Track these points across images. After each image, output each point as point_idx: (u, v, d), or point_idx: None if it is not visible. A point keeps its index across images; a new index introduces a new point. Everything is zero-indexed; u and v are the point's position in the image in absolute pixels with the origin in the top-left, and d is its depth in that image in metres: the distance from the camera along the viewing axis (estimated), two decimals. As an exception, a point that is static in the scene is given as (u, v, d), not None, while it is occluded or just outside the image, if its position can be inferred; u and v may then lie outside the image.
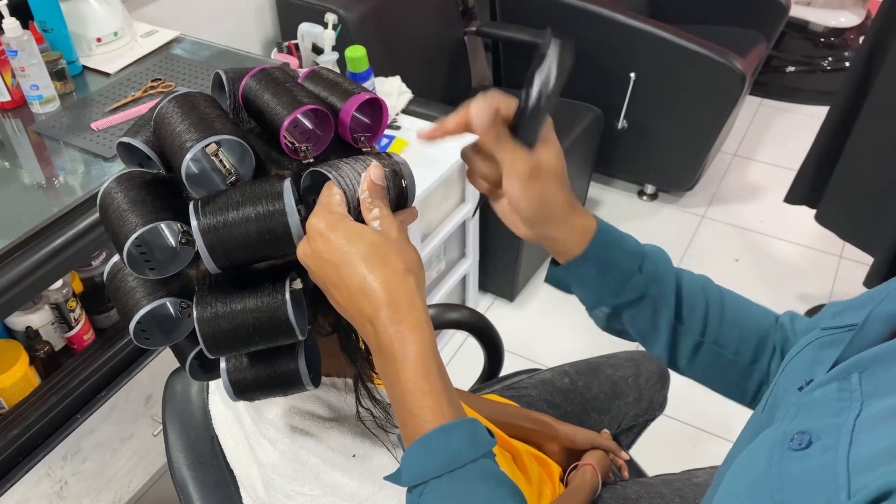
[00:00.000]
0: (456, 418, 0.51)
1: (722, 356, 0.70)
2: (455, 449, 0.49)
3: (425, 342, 0.51)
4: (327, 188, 0.54)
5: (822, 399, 0.45)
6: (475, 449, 0.50)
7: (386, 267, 0.51)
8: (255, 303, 0.53)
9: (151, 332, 0.58)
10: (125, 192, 0.55)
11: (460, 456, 0.49)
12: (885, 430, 0.38)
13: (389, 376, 0.52)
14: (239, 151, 0.54)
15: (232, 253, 0.52)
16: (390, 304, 0.50)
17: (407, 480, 0.50)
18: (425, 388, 0.50)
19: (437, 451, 0.49)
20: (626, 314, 0.69)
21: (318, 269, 0.52)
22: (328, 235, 0.51)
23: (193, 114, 0.54)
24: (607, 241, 0.67)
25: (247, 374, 0.58)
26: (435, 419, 0.50)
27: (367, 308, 0.51)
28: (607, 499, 1.04)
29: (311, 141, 0.57)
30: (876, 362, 0.44)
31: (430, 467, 0.49)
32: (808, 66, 3.09)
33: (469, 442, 0.50)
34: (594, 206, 2.64)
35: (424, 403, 0.50)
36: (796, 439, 0.42)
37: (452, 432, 0.50)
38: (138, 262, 0.54)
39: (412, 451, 0.50)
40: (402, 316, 0.51)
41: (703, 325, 0.69)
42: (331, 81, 0.60)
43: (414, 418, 0.50)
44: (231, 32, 2.05)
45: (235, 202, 0.52)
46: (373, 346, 0.52)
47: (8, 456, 1.23)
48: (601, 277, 0.67)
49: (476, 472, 0.49)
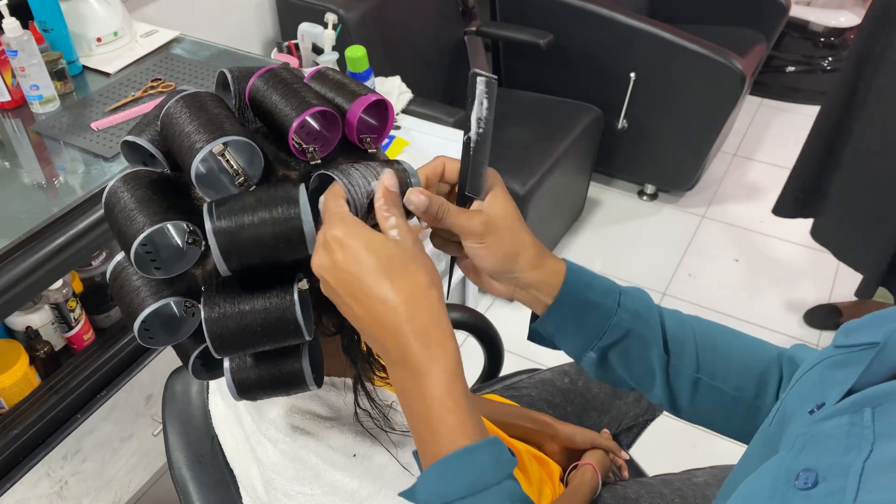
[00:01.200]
0: (479, 438, 0.49)
1: (723, 393, 0.66)
2: (479, 471, 0.48)
3: (451, 357, 0.50)
4: (332, 195, 0.53)
5: (831, 432, 0.42)
6: (498, 471, 0.48)
7: (409, 279, 0.50)
8: (263, 303, 0.53)
9: (155, 331, 0.58)
10: (132, 191, 0.55)
11: (484, 478, 0.48)
12: (893, 480, 0.37)
13: (411, 391, 0.50)
14: (248, 152, 0.54)
15: (245, 256, 0.52)
16: (416, 317, 0.49)
17: (424, 499, 0.49)
18: (450, 405, 0.49)
19: (460, 472, 0.48)
20: (613, 355, 0.65)
21: (335, 281, 0.50)
22: (348, 245, 0.50)
23: (202, 114, 0.54)
24: (580, 282, 0.63)
25: (250, 374, 0.58)
26: (459, 438, 0.48)
27: (390, 320, 0.49)
28: (607, 499, 1.04)
29: (318, 142, 0.57)
30: (891, 399, 0.41)
31: (451, 488, 0.47)
32: (808, 66, 3.09)
33: (493, 464, 0.48)
34: (594, 206, 2.64)
35: (448, 421, 0.49)
36: (801, 477, 0.40)
37: (477, 454, 0.48)
38: (145, 261, 0.54)
39: (434, 471, 0.49)
40: (428, 329, 0.49)
41: (695, 359, 0.66)
42: (337, 82, 0.60)
43: (436, 436, 0.49)
44: (231, 32, 2.05)
45: (250, 205, 0.52)
46: (393, 359, 0.50)
47: (8, 456, 1.23)
48: (580, 319, 0.64)
49: (499, 496, 0.48)
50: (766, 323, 2.18)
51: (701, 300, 2.25)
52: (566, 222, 2.48)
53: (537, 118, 2.24)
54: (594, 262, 2.41)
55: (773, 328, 2.17)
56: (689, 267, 2.39)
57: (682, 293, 2.28)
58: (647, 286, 2.31)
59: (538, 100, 2.35)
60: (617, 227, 2.56)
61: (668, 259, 2.42)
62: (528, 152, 2.08)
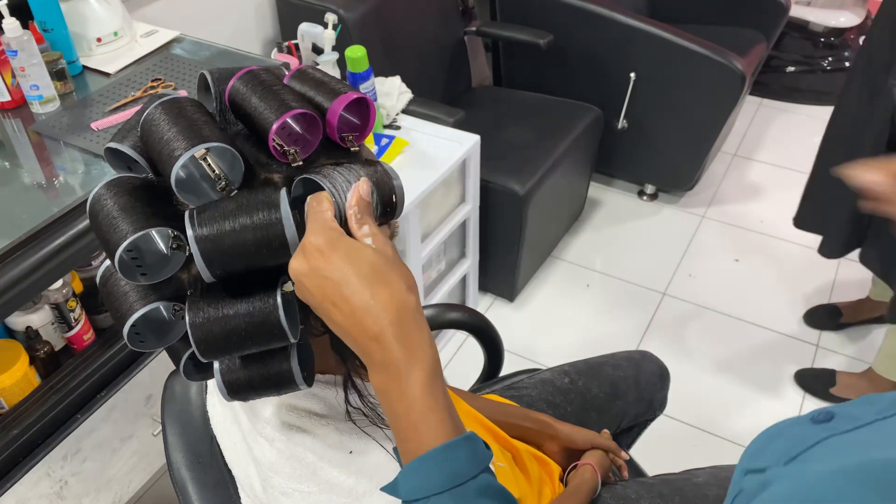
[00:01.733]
0: (458, 435, 0.51)
1: None
2: (458, 466, 0.50)
3: (431, 359, 0.52)
4: (316, 201, 0.54)
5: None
6: (476, 465, 0.51)
7: (389, 285, 0.51)
8: (247, 307, 0.54)
9: (146, 335, 0.59)
10: (115, 198, 0.55)
11: (462, 472, 0.50)
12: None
13: (392, 393, 0.52)
14: (228, 158, 0.54)
15: (228, 262, 0.53)
16: (396, 322, 0.51)
17: (406, 494, 0.51)
18: (431, 405, 0.51)
19: (440, 468, 0.50)
20: None
21: (314, 287, 0.52)
22: (328, 254, 0.51)
23: (181, 120, 0.54)
24: None
25: (240, 375, 0.58)
26: (439, 436, 0.51)
27: (372, 326, 0.51)
28: (607, 499, 1.04)
29: (300, 143, 0.57)
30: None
31: (432, 483, 0.50)
32: (808, 66, 3.09)
33: (471, 459, 0.51)
34: (594, 205, 2.64)
35: (430, 420, 0.51)
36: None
37: (456, 450, 0.51)
38: (130, 268, 0.54)
39: (414, 466, 0.51)
40: (408, 333, 0.51)
41: None
42: (317, 81, 0.60)
43: (417, 434, 0.51)
44: (231, 32, 2.05)
45: (231, 211, 0.52)
46: (375, 363, 0.52)
47: (8, 456, 1.23)
48: None
49: (476, 488, 0.50)
50: (767, 323, 2.18)
51: (701, 300, 2.25)
52: (566, 222, 2.48)
53: (537, 118, 2.24)
54: (594, 262, 2.41)
55: (773, 328, 2.17)
56: (689, 267, 2.39)
57: (682, 293, 2.28)
58: (647, 286, 2.31)
59: (538, 100, 2.35)
60: (617, 227, 2.56)
61: (668, 259, 2.42)
62: (528, 152, 2.08)
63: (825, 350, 2.10)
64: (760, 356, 2.08)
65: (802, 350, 2.10)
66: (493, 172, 1.99)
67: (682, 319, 2.19)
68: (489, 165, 1.98)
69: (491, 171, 1.99)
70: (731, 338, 2.14)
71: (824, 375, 1.98)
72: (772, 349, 2.10)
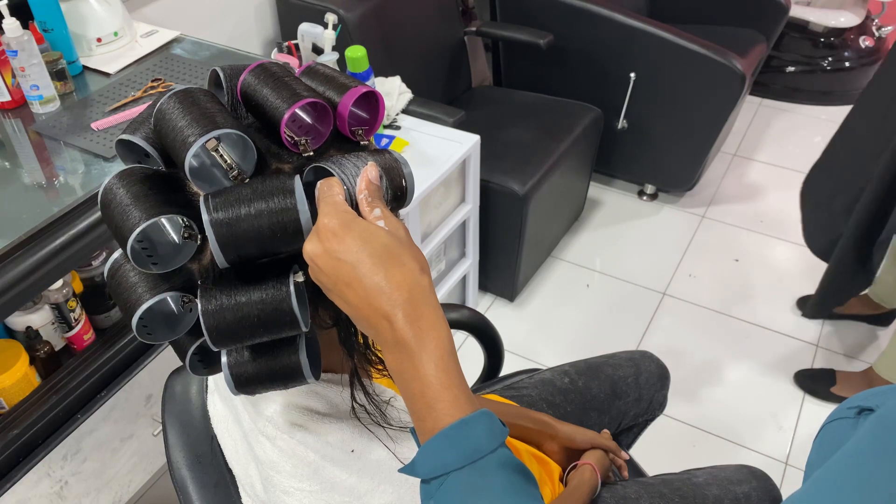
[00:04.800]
0: (473, 411, 0.52)
1: None
2: (475, 441, 0.50)
3: (444, 338, 0.52)
4: (327, 185, 0.54)
5: None
6: (493, 440, 0.51)
7: (402, 266, 0.52)
8: (259, 295, 0.54)
9: (153, 327, 0.59)
10: (127, 187, 0.55)
11: (480, 448, 0.50)
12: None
13: (407, 372, 0.52)
14: (241, 146, 0.55)
15: (242, 248, 0.53)
16: (410, 302, 0.51)
17: (424, 472, 0.51)
18: (445, 383, 0.51)
19: (457, 443, 0.50)
20: None
21: (329, 269, 0.52)
22: (342, 235, 0.51)
23: (195, 109, 0.54)
24: None
25: (248, 368, 0.58)
26: (455, 412, 0.51)
27: (385, 306, 0.51)
28: (607, 499, 1.04)
29: (310, 135, 0.58)
30: None
31: (450, 459, 0.50)
32: (808, 66, 3.09)
33: (488, 434, 0.51)
34: (594, 206, 2.64)
35: (444, 397, 0.51)
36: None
37: (472, 425, 0.51)
38: (141, 256, 0.54)
39: (432, 444, 0.51)
40: (422, 313, 0.52)
41: None
42: (327, 76, 0.60)
43: (433, 412, 0.51)
44: (231, 32, 2.05)
45: (247, 197, 0.52)
46: (388, 342, 0.52)
47: (8, 456, 1.24)
48: None
49: (495, 463, 0.50)
50: (766, 323, 2.18)
51: (701, 300, 2.25)
52: (566, 222, 2.48)
53: (537, 118, 2.24)
54: (594, 262, 2.41)
55: (772, 328, 2.17)
56: (689, 267, 2.39)
57: (682, 293, 2.28)
58: (647, 286, 2.31)
59: (538, 100, 2.35)
60: (617, 227, 2.56)
61: (668, 259, 2.42)
62: (528, 152, 2.08)
63: (825, 350, 2.10)
64: (760, 356, 2.08)
65: (802, 350, 2.10)
66: (493, 172, 1.99)
67: (682, 319, 2.19)
68: (489, 165, 1.98)
69: (491, 171, 1.99)
70: (730, 338, 2.14)
71: (824, 375, 1.98)
72: (771, 349, 2.10)
